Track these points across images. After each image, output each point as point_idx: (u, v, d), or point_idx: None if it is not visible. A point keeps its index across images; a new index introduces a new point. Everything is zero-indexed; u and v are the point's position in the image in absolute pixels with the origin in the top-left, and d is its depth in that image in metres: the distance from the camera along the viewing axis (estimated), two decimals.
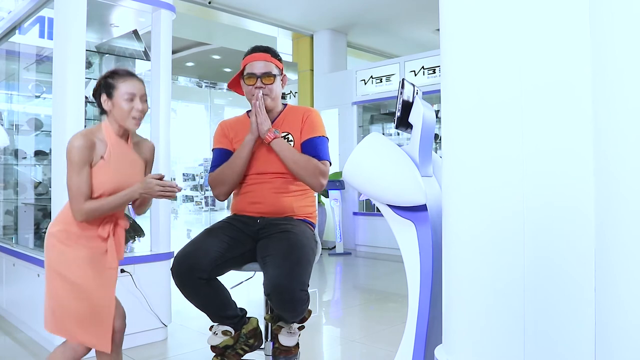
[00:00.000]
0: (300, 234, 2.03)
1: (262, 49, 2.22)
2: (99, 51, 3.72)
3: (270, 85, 2.16)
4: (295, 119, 2.22)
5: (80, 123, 2.87)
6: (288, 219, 2.14)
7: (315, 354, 3.05)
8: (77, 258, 1.85)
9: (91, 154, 1.83)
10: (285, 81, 2.27)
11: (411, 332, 1.49)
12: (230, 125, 2.31)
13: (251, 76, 2.16)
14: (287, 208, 2.15)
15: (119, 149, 1.90)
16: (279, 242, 1.98)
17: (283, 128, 2.20)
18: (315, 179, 2.11)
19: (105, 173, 1.85)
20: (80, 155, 1.80)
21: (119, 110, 1.85)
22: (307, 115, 2.23)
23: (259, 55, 2.19)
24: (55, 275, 1.88)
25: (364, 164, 1.51)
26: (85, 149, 1.81)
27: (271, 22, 7.84)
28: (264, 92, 2.15)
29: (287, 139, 2.18)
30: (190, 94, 13.88)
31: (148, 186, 1.83)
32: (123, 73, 1.89)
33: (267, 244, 2.02)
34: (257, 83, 2.15)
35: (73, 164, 1.80)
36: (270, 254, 1.95)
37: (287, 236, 2.00)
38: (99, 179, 1.84)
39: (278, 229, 2.06)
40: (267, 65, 2.17)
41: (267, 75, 2.16)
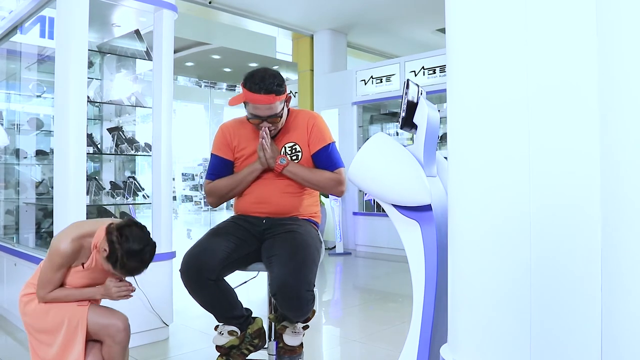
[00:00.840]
0: (305, 233, 2.04)
1: (266, 89, 2.00)
2: (100, 51, 3.72)
3: (276, 123, 2.11)
4: (300, 126, 2.18)
5: (83, 123, 2.87)
6: (293, 218, 2.15)
7: (315, 353, 3.05)
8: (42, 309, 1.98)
9: (74, 258, 1.93)
10: (290, 100, 2.18)
11: (416, 331, 1.50)
12: (233, 130, 2.24)
13: (256, 118, 2.07)
14: (292, 208, 2.16)
15: (100, 267, 1.95)
16: (285, 242, 1.99)
17: (289, 138, 2.18)
18: (334, 189, 2.15)
19: (80, 278, 1.96)
20: (64, 259, 1.90)
21: (110, 283, 1.97)
22: (312, 122, 2.18)
23: (263, 99, 2.01)
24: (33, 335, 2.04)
25: (370, 164, 1.51)
26: (71, 255, 1.90)
27: (271, 22, 7.84)
28: (271, 129, 2.10)
29: (295, 150, 2.16)
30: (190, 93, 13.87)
31: (107, 291, 1.96)
32: (133, 266, 1.86)
33: (272, 244, 2.02)
34: (263, 123, 2.08)
35: (53, 262, 1.91)
36: (276, 253, 1.95)
37: (293, 236, 2.01)
38: (72, 280, 1.95)
39: (284, 229, 2.07)
40: (272, 108, 2.04)
41: (273, 116, 2.07)
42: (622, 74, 0.99)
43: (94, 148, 3.39)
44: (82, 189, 2.87)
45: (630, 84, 0.97)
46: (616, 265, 1.00)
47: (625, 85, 0.98)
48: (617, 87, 1.00)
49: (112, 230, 1.84)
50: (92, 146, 3.36)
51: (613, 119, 1.02)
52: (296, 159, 2.15)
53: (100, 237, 1.87)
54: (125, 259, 1.81)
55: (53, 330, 1.95)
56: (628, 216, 0.97)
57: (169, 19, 3.24)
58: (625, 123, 0.98)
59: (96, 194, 3.38)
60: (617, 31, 1.01)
